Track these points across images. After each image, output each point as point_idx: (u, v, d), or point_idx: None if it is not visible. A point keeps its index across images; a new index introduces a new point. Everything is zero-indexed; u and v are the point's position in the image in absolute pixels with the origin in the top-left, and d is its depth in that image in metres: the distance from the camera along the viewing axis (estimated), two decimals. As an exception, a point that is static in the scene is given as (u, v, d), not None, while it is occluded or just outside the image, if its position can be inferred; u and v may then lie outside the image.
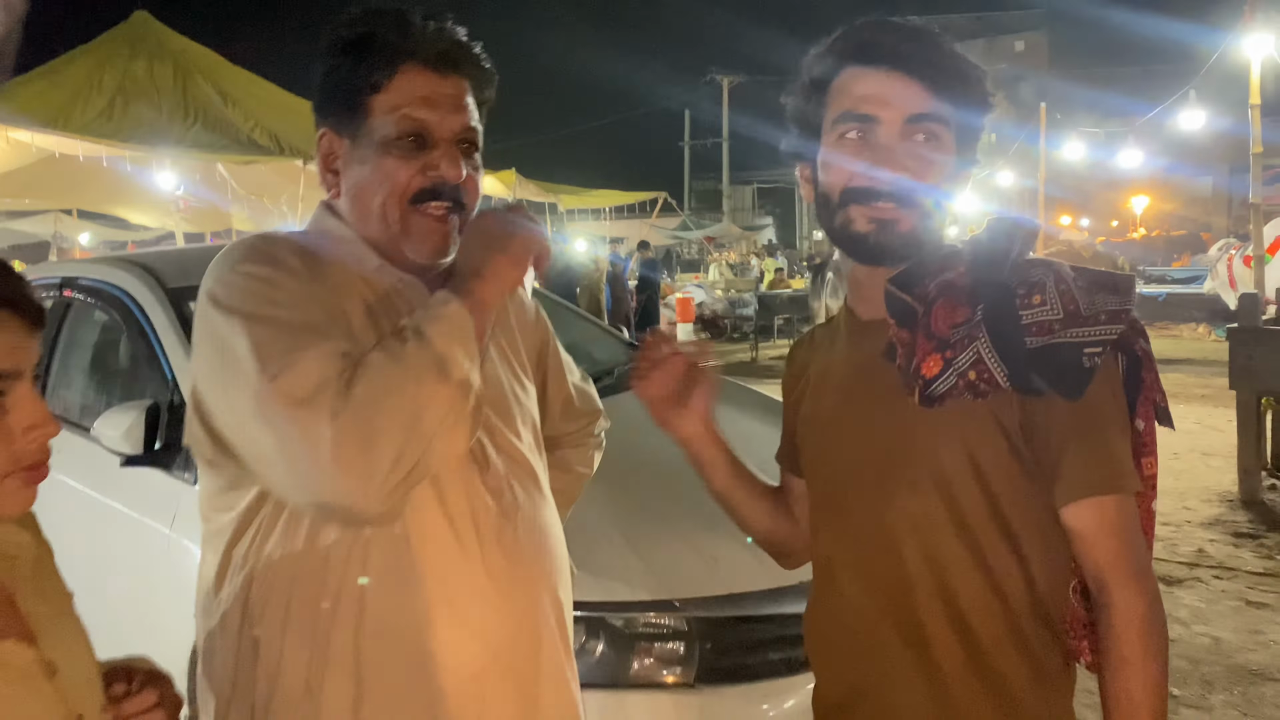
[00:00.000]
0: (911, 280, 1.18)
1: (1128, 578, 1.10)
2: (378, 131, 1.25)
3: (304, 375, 1.06)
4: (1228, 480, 5.95)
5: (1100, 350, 1.10)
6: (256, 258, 1.20)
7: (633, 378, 1.41)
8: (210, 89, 9.79)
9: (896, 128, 1.18)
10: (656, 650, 2.16)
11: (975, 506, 1.16)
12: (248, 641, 1.23)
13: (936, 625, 1.18)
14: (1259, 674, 3.62)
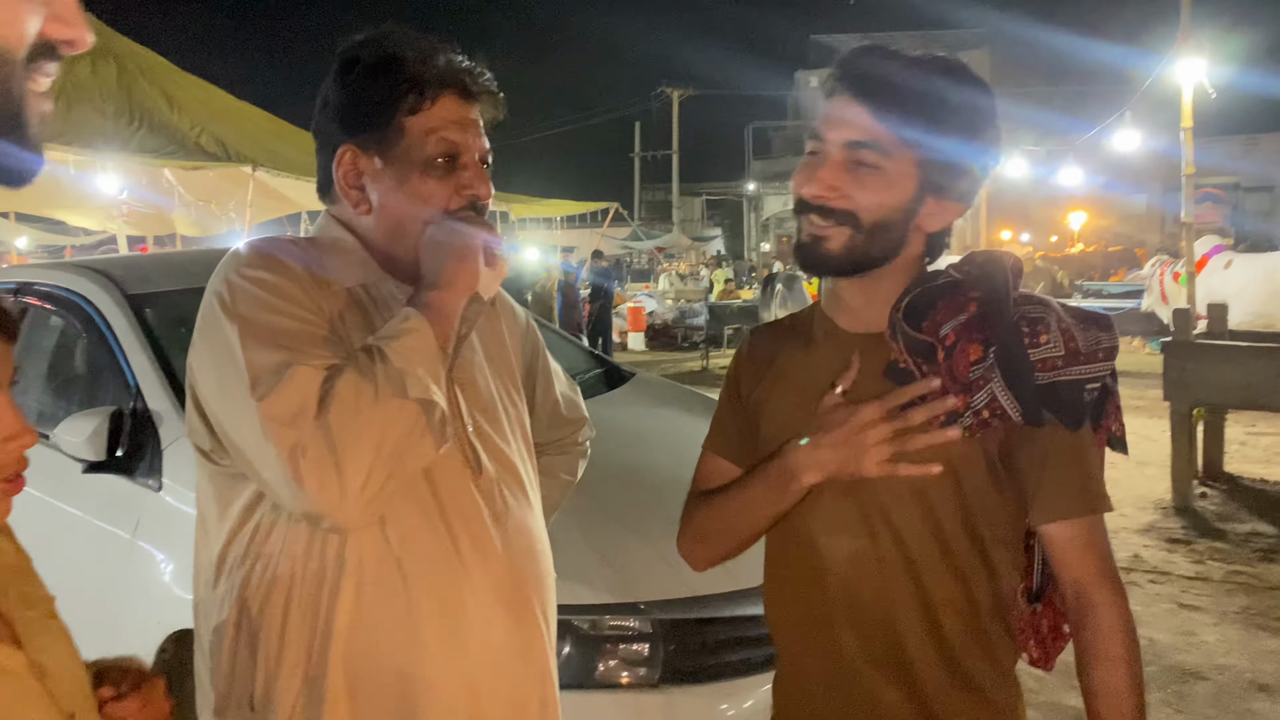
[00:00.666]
0: (919, 313, 1.23)
1: (1108, 587, 1.21)
2: (414, 152, 1.31)
3: (288, 397, 1.13)
4: (1162, 488, 6.15)
5: (1098, 385, 1.20)
6: (262, 263, 1.25)
7: None
8: (156, 92, 9.61)
9: (837, 150, 1.24)
10: (621, 652, 2.21)
11: (951, 518, 1.24)
12: (246, 635, 1.26)
13: (911, 626, 1.25)
14: (1191, 673, 3.77)
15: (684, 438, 3.32)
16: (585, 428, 1.80)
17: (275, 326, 1.19)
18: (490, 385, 1.43)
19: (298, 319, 1.21)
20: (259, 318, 1.19)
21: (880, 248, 1.26)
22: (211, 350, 1.22)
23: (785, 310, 11.93)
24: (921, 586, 1.25)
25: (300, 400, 1.13)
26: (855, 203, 1.23)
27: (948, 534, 1.24)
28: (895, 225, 1.25)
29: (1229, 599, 4.53)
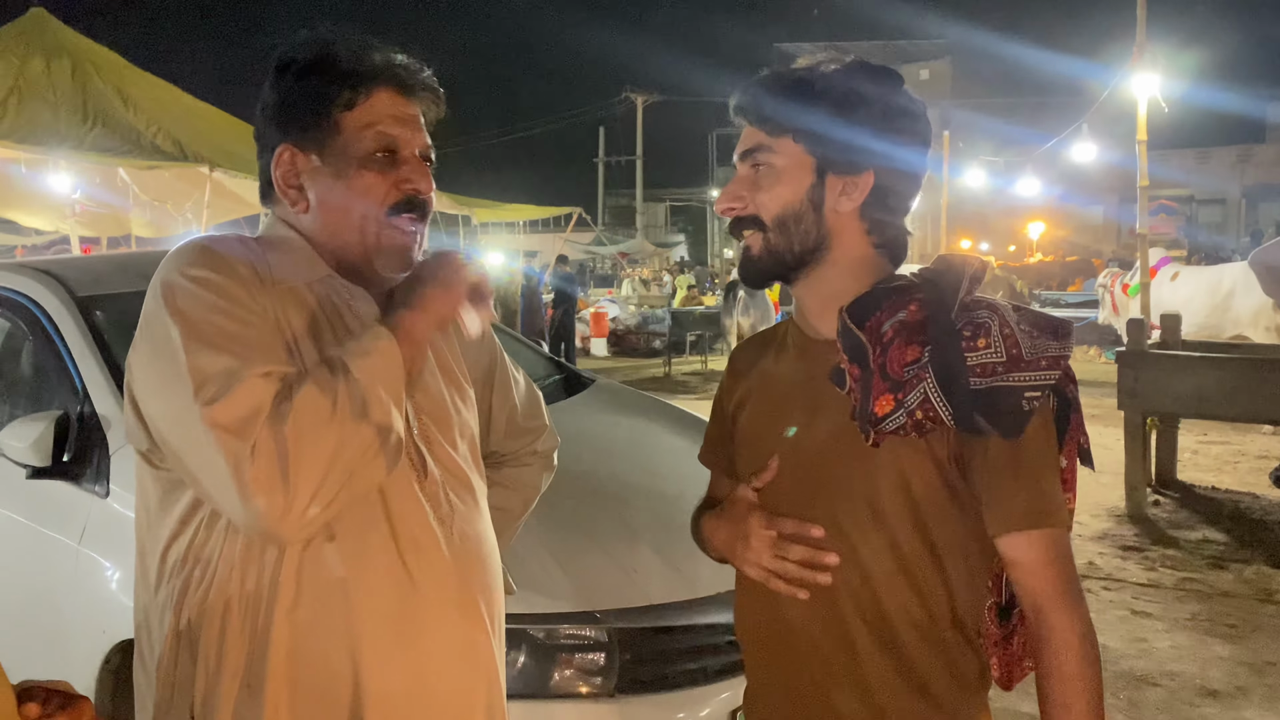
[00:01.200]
0: (864, 311, 1.24)
1: (1064, 605, 1.18)
2: (351, 148, 1.30)
3: (237, 405, 1.10)
4: (1115, 496, 6.24)
5: (1039, 394, 1.17)
6: (207, 261, 1.23)
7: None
8: (111, 90, 9.45)
9: (739, 167, 1.33)
10: (577, 661, 2.20)
11: (903, 525, 1.24)
12: (186, 643, 1.24)
13: (866, 632, 1.25)
14: (1143, 679, 3.82)
15: (644, 444, 3.33)
16: (546, 435, 1.77)
17: (220, 328, 1.16)
18: (441, 388, 1.42)
19: (242, 321, 1.18)
20: (203, 318, 1.16)
21: (797, 240, 1.29)
22: (152, 349, 1.19)
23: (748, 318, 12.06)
24: (876, 598, 1.25)
25: (250, 408, 1.10)
26: (755, 204, 1.30)
27: (902, 544, 1.24)
28: (803, 214, 1.28)
29: (1180, 606, 4.60)
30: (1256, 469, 7.16)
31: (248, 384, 1.11)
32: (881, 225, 1.31)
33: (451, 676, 1.32)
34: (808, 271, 1.31)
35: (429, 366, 1.41)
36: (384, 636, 1.25)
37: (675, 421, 3.42)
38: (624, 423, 3.43)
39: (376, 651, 1.25)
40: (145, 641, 1.31)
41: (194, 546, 1.24)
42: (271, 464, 1.08)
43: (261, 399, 1.11)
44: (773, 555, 1.28)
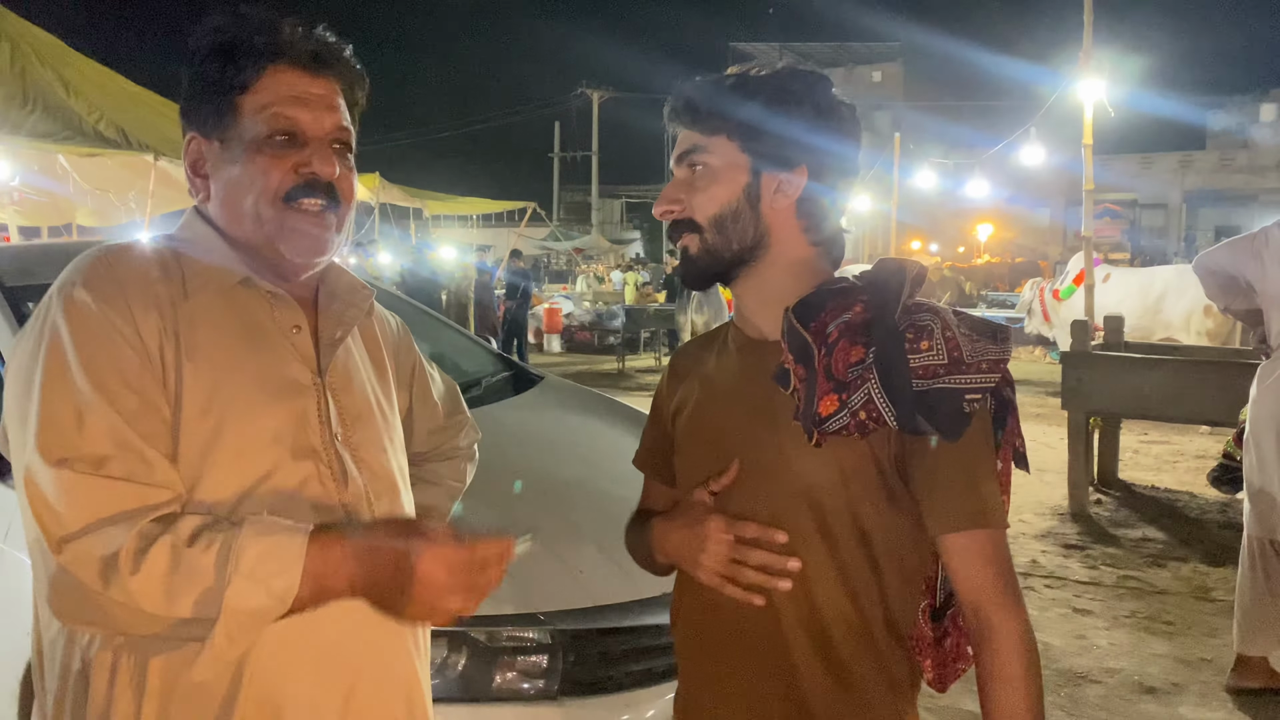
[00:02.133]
0: (810, 312, 1.24)
1: (1003, 604, 1.18)
2: (248, 131, 1.24)
3: (94, 549, 1.06)
4: (1059, 495, 6.34)
5: (980, 397, 1.17)
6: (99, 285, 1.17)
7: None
8: (52, 75, 9.19)
9: (679, 169, 1.33)
10: (519, 663, 2.17)
11: (842, 526, 1.23)
12: (80, 677, 1.18)
13: (798, 635, 1.25)
14: (1083, 676, 3.88)
15: (591, 443, 3.31)
16: (468, 429, 1.73)
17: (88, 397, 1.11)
18: (368, 390, 1.38)
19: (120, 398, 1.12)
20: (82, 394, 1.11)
21: (735, 239, 1.29)
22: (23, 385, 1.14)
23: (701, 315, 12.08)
24: (812, 598, 1.24)
25: (104, 554, 1.05)
26: (690, 207, 1.30)
27: (840, 545, 1.24)
28: (740, 213, 1.29)
29: (1120, 603, 4.68)
30: (1194, 469, 7.32)
31: (112, 529, 1.06)
32: (818, 222, 1.31)
33: (370, 685, 1.27)
34: (747, 271, 1.31)
35: (354, 365, 1.37)
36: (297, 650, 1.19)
37: (624, 420, 3.40)
38: (571, 421, 3.41)
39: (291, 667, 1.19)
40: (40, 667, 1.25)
41: None
42: (114, 598, 1.06)
43: (117, 545, 1.05)
44: (729, 560, 1.25)
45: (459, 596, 1.12)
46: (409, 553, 1.10)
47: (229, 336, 1.23)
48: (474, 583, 1.13)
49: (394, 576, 1.11)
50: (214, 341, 1.21)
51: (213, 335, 1.21)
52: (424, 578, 1.10)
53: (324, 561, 1.10)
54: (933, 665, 1.30)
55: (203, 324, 1.21)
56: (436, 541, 1.12)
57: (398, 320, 1.59)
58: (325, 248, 1.29)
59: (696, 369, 1.43)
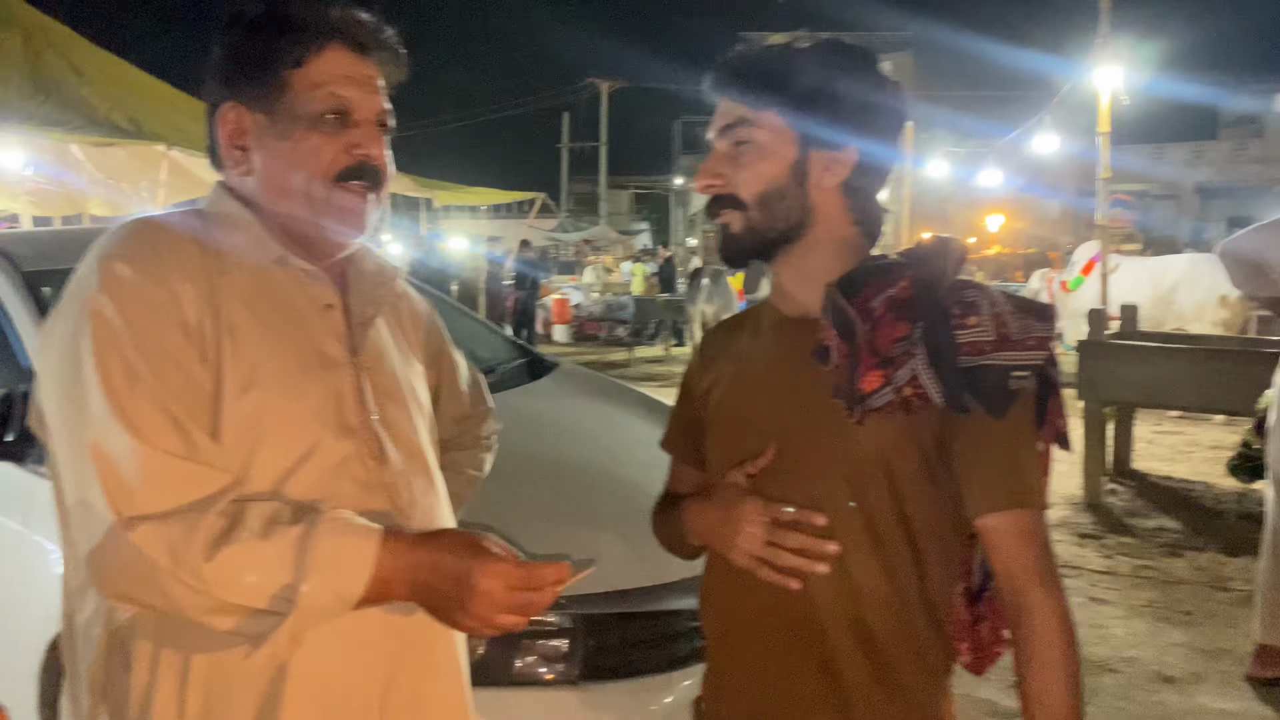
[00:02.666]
0: (853, 288, 1.22)
1: (1042, 585, 1.16)
2: (299, 108, 1.22)
3: (168, 531, 1.05)
4: (1073, 484, 6.31)
5: (1027, 374, 1.16)
6: (139, 255, 1.15)
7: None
8: (65, 65, 9.20)
9: (717, 142, 1.29)
10: (540, 648, 2.16)
11: (883, 506, 1.22)
12: (119, 658, 1.17)
13: (836, 616, 1.23)
14: (1101, 665, 3.86)
15: (609, 429, 3.29)
16: (490, 420, 1.73)
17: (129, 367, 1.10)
18: (397, 369, 1.36)
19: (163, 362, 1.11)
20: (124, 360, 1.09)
21: (780, 217, 1.26)
22: (68, 372, 1.11)
23: (711, 305, 12.07)
24: (848, 578, 1.22)
25: (169, 542, 1.05)
26: (734, 182, 1.26)
27: (879, 525, 1.22)
28: (786, 190, 1.26)
29: (1136, 592, 4.66)
30: (1209, 459, 7.28)
31: (180, 521, 1.06)
32: (863, 201, 1.29)
33: (413, 669, 1.27)
34: (789, 249, 1.28)
35: (385, 345, 1.36)
36: (341, 633, 1.18)
37: (640, 406, 3.39)
38: (588, 407, 3.39)
39: (334, 649, 1.19)
40: (72, 652, 1.24)
41: None
42: (187, 585, 1.05)
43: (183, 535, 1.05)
44: (765, 543, 1.23)
45: (512, 616, 1.15)
46: (473, 568, 1.13)
47: (266, 314, 1.21)
48: (528, 602, 1.15)
49: (453, 588, 1.13)
50: (252, 318, 1.20)
51: (250, 312, 1.20)
52: (483, 593, 1.12)
53: (391, 568, 1.11)
54: (970, 649, 1.29)
55: (239, 300, 1.20)
56: (499, 559, 1.14)
57: (427, 304, 1.58)
58: (365, 226, 1.28)
59: (728, 350, 1.41)
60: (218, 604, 1.06)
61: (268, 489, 1.15)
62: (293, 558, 1.07)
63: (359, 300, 1.32)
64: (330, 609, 1.09)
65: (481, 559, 1.14)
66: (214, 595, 1.05)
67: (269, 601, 1.06)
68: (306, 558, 1.07)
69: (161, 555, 1.04)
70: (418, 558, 1.13)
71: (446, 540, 1.17)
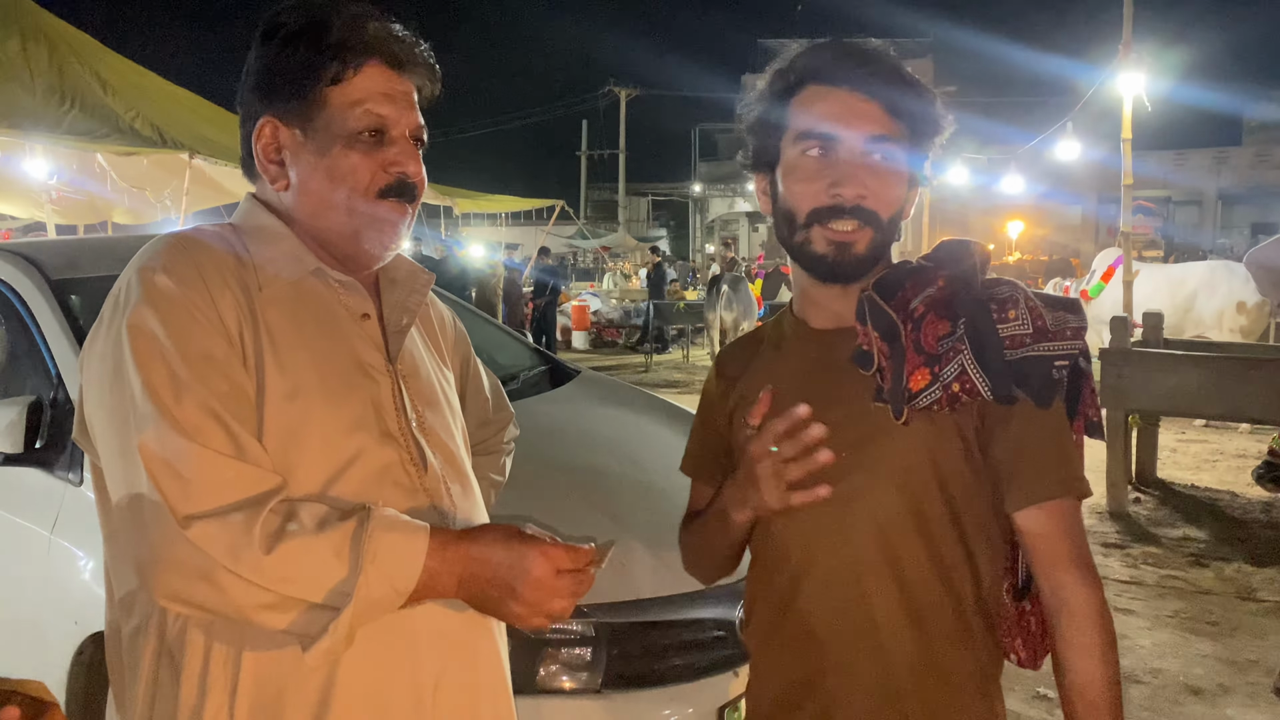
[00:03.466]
0: (889, 290, 1.23)
1: (1083, 575, 1.18)
2: (337, 125, 1.23)
3: (226, 528, 1.05)
4: (1097, 493, 6.24)
5: (1067, 364, 1.18)
6: (178, 269, 1.16)
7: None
8: (89, 74, 9.30)
9: (858, 147, 1.23)
10: (564, 656, 2.16)
11: (934, 507, 1.22)
12: (168, 668, 1.18)
13: (893, 620, 1.23)
14: (1128, 676, 3.81)
15: (631, 436, 3.29)
16: (510, 426, 1.76)
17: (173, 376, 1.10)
18: (432, 376, 1.38)
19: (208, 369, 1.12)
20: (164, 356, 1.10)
21: (889, 243, 1.28)
22: (116, 381, 1.12)
23: (730, 312, 12.04)
24: (904, 579, 1.22)
25: (228, 542, 1.05)
26: (879, 200, 1.24)
27: (931, 525, 1.22)
28: (899, 219, 1.28)
29: (1162, 603, 4.61)
30: (1235, 468, 7.20)
31: (231, 520, 1.06)
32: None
33: (458, 674, 1.27)
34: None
35: (419, 353, 1.37)
36: (388, 642, 1.20)
37: (662, 414, 3.38)
38: (610, 414, 3.39)
39: (381, 656, 1.19)
40: (116, 662, 1.24)
41: None
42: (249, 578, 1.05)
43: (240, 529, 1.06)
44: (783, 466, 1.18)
45: (563, 600, 1.16)
46: (523, 554, 1.14)
47: (305, 324, 1.22)
48: (575, 585, 1.16)
49: (504, 578, 1.14)
50: (292, 329, 1.21)
51: (289, 323, 1.21)
52: (534, 579, 1.13)
53: (440, 560, 1.12)
54: (1024, 644, 1.29)
55: (278, 312, 1.21)
56: (546, 544, 1.15)
57: (451, 311, 1.60)
58: (400, 240, 1.30)
59: (751, 367, 1.40)
60: (275, 599, 1.06)
61: (313, 495, 1.16)
62: (348, 551, 1.08)
63: (393, 308, 1.33)
64: (384, 602, 1.10)
65: (528, 545, 1.15)
66: (272, 590, 1.05)
67: (325, 595, 1.07)
68: (361, 549, 1.08)
69: (220, 551, 1.04)
70: (465, 551, 1.14)
71: (491, 533, 1.18)
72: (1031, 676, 3.54)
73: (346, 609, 1.07)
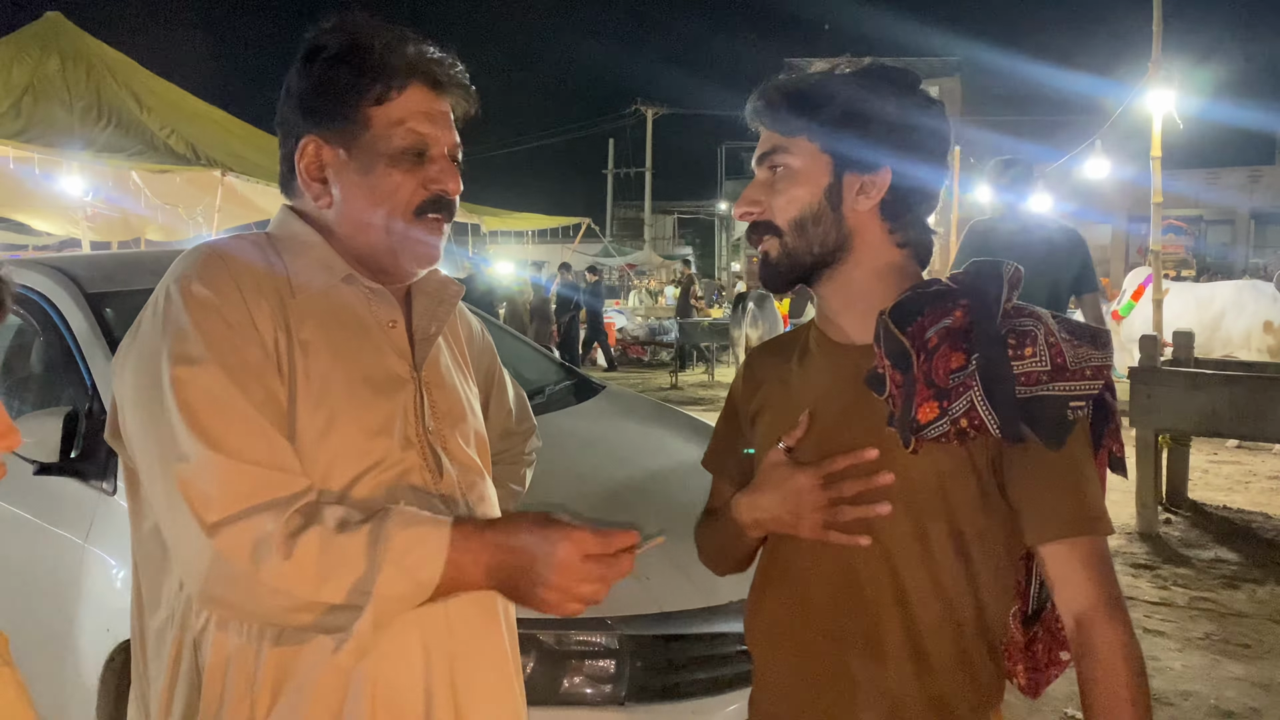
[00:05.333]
0: (905, 316, 1.21)
1: (1108, 615, 1.14)
2: (380, 144, 1.26)
3: (246, 534, 1.08)
4: (1126, 514, 6.18)
5: (1083, 404, 1.15)
6: (213, 279, 1.19)
7: None
8: (125, 93, 9.49)
9: (760, 169, 1.30)
10: (587, 668, 2.17)
11: (940, 534, 1.21)
12: (190, 666, 1.20)
13: (893, 643, 1.22)
14: (1158, 699, 3.76)
15: (656, 451, 3.30)
16: (533, 437, 1.78)
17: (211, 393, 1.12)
18: (457, 385, 1.40)
19: (249, 386, 1.14)
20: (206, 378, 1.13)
21: (815, 243, 1.26)
22: (151, 395, 1.14)
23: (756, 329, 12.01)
24: (908, 604, 1.22)
25: (256, 537, 1.08)
26: (770, 209, 1.28)
27: (936, 552, 1.21)
28: (821, 215, 1.26)
29: (1193, 625, 4.54)
30: (1268, 489, 7.10)
31: (260, 516, 1.09)
32: (903, 224, 1.28)
33: (476, 678, 1.29)
34: (830, 273, 1.29)
35: (445, 363, 1.40)
36: (407, 645, 1.22)
37: (686, 428, 3.39)
38: (635, 429, 3.40)
39: (399, 661, 1.21)
40: (142, 660, 1.27)
41: None
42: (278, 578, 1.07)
43: (269, 527, 1.08)
44: (829, 503, 1.22)
45: (592, 584, 1.15)
46: (549, 537, 1.13)
47: (335, 331, 1.25)
48: (607, 571, 1.15)
49: (531, 564, 1.13)
50: (322, 336, 1.23)
51: (320, 330, 1.24)
52: (562, 564, 1.12)
53: (465, 551, 1.13)
54: (1025, 670, 1.27)
55: (310, 319, 1.23)
56: (574, 527, 1.15)
57: (479, 322, 1.62)
58: (438, 257, 1.33)
59: (775, 372, 1.40)
60: (298, 602, 1.08)
61: (336, 498, 1.18)
62: (366, 548, 1.09)
63: (422, 317, 1.35)
64: (408, 597, 1.11)
65: (554, 529, 1.14)
66: (294, 594, 1.07)
67: (346, 595, 1.08)
68: (380, 547, 1.09)
69: (242, 558, 1.06)
70: (490, 539, 1.15)
71: (517, 519, 1.18)
72: (1060, 697, 3.50)
73: (368, 607, 1.08)
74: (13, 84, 9.02)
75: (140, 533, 1.26)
